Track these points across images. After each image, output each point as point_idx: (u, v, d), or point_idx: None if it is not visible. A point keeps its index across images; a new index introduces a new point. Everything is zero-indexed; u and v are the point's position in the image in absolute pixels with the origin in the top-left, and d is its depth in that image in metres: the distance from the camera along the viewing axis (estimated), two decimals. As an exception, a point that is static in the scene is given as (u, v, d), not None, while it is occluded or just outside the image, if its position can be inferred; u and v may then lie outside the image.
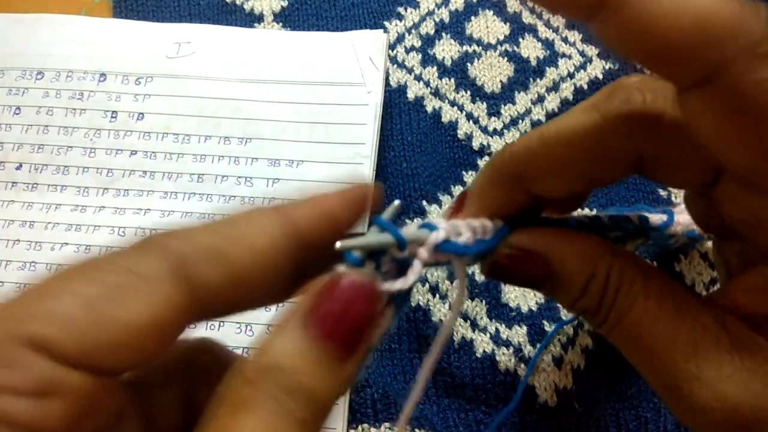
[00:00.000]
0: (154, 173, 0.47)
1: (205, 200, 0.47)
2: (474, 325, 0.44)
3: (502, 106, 0.51)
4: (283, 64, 0.50)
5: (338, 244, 0.21)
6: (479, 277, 0.45)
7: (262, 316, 0.41)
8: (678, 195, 0.49)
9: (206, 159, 0.48)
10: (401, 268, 0.22)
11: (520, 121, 0.51)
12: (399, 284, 0.21)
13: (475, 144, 0.50)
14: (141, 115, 0.48)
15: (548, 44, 0.54)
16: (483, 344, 0.44)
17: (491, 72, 0.52)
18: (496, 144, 0.50)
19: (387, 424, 0.42)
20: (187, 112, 0.49)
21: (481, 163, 0.49)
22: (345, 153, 0.47)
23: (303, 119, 0.48)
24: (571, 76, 0.52)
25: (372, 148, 0.47)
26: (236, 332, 0.43)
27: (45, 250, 0.45)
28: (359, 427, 0.42)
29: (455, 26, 0.54)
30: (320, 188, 0.24)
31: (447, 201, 0.48)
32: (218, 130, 0.48)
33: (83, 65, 0.49)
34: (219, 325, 0.43)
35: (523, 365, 0.43)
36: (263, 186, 0.47)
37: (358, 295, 0.20)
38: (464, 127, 0.50)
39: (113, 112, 0.48)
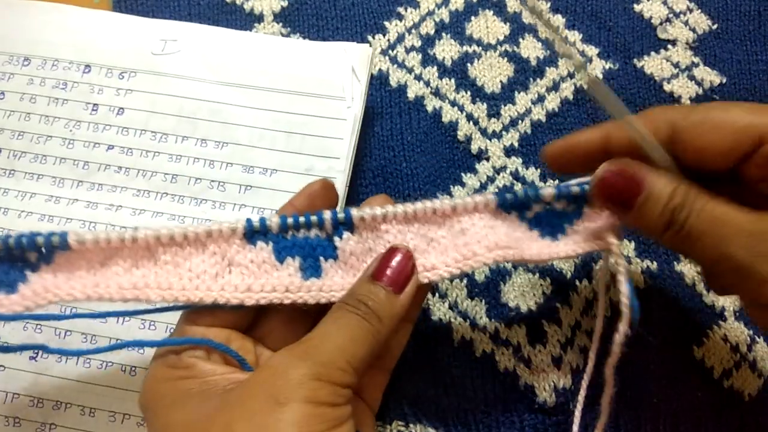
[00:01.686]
0: (129, 170, 0.47)
1: (176, 201, 0.46)
2: (474, 325, 0.45)
3: (502, 106, 0.51)
4: (266, 71, 0.49)
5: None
6: (479, 277, 0.46)
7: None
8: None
9: (182, 160, 0.47)
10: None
11: (520, 121, 0.50)
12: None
13: (474, 147, 0.50)
14: (121, 110, 0.48)
15: (547, 45, 0.52)
16: (483, 344, 0.44)
17: (491, 72, 0.52)
18: (494, 148, 0.50)
19: (378, 423, 0.43)
20: (167, 110, 0.48)
21: (480, 166, 0.49)
22: (320, 166, 0.47)
23: (280, 128, 0.47)
24: (571, 76, 0.52)
25: (347, 163, 0.47)
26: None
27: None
28: None
29: (455, 26, 0.53)
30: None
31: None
32: (196, 131, 0.47)
33: (70, 55, 0.49)
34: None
35: (522, 365, 0.44)
36: (235, 192, 0.46)
37: (405, 257, 0.34)
38: (464, 128, 0.50)
39: (94, 104, 0.48)
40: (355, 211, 0.35)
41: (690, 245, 0.32)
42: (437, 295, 0.45)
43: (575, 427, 0.38)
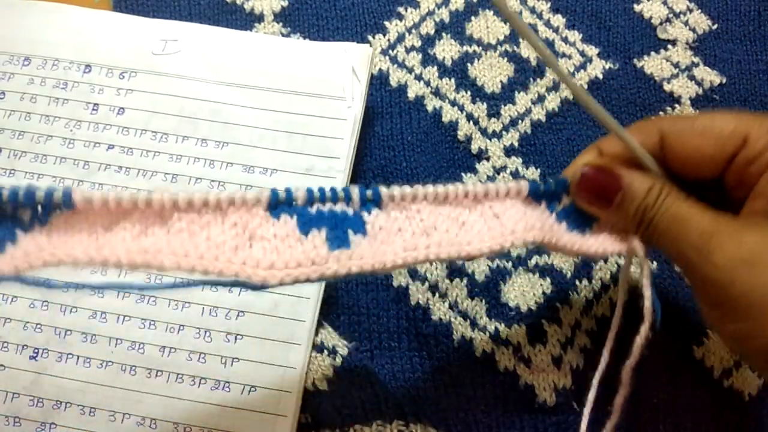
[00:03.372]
0: (130, 169, 0.47)
1: (177, 201, 0.46)
2: (474, 325, 0.45)
3: (502, 106, 0.51)
4: (267, 71, 0.49)
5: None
6: (479, 276, 0.46)
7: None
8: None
9: (182, 159, 0.47)
10: None
11: (520, 121, 0.50)
12: None
13: (474, 147, 0.50)
14: (122, 110, 0.48)
15: (548, 44, 0.53)
16: (482, 343, 0.44)
17: (491, 72, 0.52)
18: (494, 147, 0.50)
19: (378, 422, 0.43)
20: (168, 110, 0.48)
21: (480, 166, 0.49)
22: (320, 166, 0.47)
23: (281, 128, 0.47)
24: (571, 75, 0.52)
25: (347, 163, 0.47)
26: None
27: (16, 240, 0.45)
28: (351, 429, 0.42)
29: (455, 26, 0.53)
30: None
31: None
32: (196, 131, 0.47)
33: (70, 55, 0.49)
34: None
35: (522, 365, 0.44)
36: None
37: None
38: (464, 128, 0.50)
39: (95, 104, 0.48)
40: (384, 189, 0.33)
41: (657, 244, 0.33)
42: (437, 294, 0.45)
43: (583, 426, 0.38)
